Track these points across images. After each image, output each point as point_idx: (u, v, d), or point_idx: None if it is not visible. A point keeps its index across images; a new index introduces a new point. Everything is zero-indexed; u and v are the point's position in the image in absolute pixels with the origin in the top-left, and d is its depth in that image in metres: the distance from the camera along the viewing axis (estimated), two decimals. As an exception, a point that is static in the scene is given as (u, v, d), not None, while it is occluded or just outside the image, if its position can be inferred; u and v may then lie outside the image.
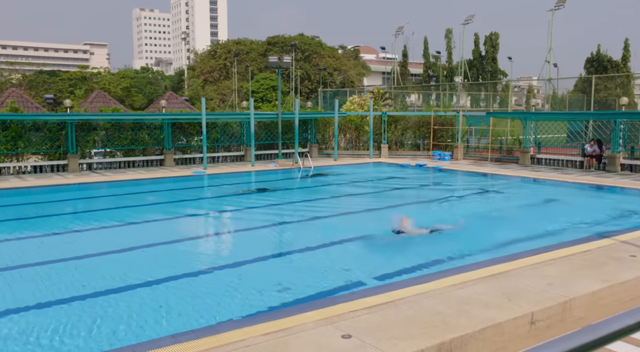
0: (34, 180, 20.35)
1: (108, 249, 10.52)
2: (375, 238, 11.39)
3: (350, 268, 8.97)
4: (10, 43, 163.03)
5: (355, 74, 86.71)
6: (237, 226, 13.65)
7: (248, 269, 9.16)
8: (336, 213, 14.55)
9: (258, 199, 17.86)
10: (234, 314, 6.89)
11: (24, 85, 48.45)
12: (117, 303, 7.28)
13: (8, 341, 6.08)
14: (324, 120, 31.54)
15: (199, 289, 8.01)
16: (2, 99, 29.51)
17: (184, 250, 10.66)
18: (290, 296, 7.53)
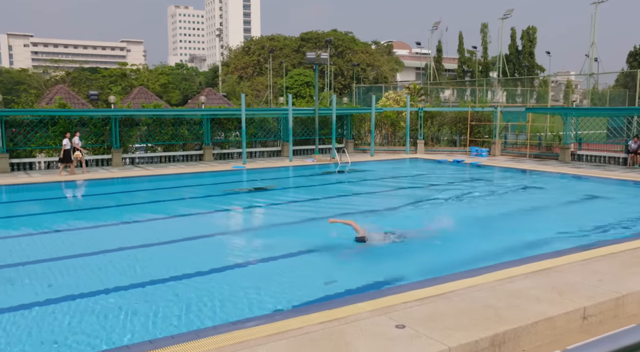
0: (80, 174, 21.04)
1: (179, 237, 11.02)
2: (429, 231, 11.50)
3: (400, 260, 9.13)
4: (52, 41, 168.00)
5: (389, 69, 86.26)
6: (294, 218, 13.76)
7: (303, 259, 9.40)
8: (389, 207, 14.63)
9: (307, 192, 18.14)
10: (286, 304, 7.09)
11: (67, 82, 49.97)
12: (193, 289, 7.65)
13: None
14: (359, 116, 31.61)
15: (255, 279, 8.27)
16: (50, 95, 30.55)
17: (240, 241, 11.04)
18: (343, 286, 7.72)
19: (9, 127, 22.05)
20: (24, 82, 63.55)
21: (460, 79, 70.03)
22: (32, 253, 10.09)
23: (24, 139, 22.39)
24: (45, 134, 22.70)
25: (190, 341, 5.64)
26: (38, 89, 52.04)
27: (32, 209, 15.16)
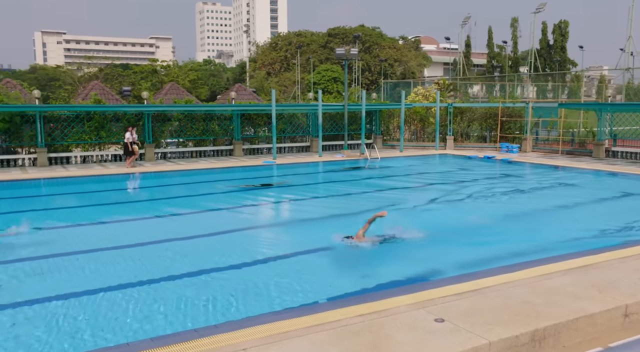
0: (115, 168, 21.54)
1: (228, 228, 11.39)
2: (467, 225, 11.51)
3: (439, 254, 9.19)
4: (83, 38, 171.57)
5: (416, 64, 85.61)
6: (331, 212, 13.86)
7: (337, 253, 9.53)
8: (422, 203, 14.64)
9: (343, 186, 18.27)
10: (326, 296, 7.21)
11: (100, 78, 51.09)
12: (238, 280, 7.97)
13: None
14: (388, 112, 31.54)
15: (290, 272, 8.42)
16: (86, 91, 31.30)
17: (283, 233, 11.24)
18: (384, 279, 7.81)
19: (47, 123, 22.66)
20: (58, 78, 65.16)
21: (489, 74, 69.10)
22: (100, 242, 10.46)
23: (61, 134, 22.99)
24: (81, 129, 23.27)
25: (234, 331, 5.79)
26: (72, 85, 53.25)
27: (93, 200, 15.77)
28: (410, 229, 10.34)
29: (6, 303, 7.10)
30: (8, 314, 6.74)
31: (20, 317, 6.65)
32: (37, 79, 67.98)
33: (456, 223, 11.94)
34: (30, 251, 9.83)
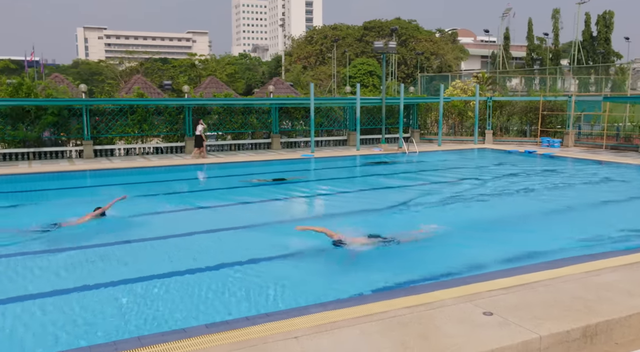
0: (157, 160, 22.06)
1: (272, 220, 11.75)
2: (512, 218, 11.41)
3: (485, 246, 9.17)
4: (123, 33, 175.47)
5: (453, 58, 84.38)
6: (377, 205, 13.90)
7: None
8: (465, 197, 14.53)
9: (384, 180, 18.30)
10: (366, 289, 7.29)
11: (141, 72, 52.27)
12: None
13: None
14: (425, 106, 31.29)
15: (335, 263, 8.54)
16: (129, 85, 32.08)
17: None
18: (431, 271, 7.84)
19: (93, 116, 23.34)
20: (100, 72, 66.94)
21: (528, 67, 67.58)
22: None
23: (105, 127, 23.66)
24: (125, 122, 23.88)
25: (284, 319, 5.93)
26: (114, 80, 54.62)
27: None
28: (452, 223, 10.31)
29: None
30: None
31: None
32: (79, 73, 69.98)
33: (500, 218, 11.84)
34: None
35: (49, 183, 17.85)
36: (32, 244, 9.66)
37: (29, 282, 7.83)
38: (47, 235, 10.20)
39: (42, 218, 11.17)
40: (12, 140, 22.17)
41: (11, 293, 7.35)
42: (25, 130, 22.07)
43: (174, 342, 5.38)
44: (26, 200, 15.17)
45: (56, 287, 7.53)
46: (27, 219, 11.27)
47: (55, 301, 7.02)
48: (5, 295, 7.24)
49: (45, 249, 9.49)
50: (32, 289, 7.50)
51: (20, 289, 7.52)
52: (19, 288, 7.57)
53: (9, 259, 8.82)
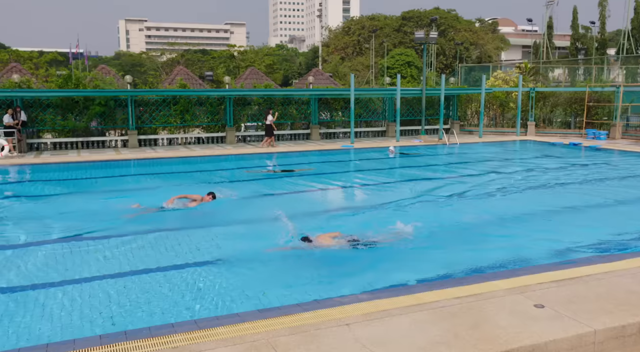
0: (200, 150, 22.48)
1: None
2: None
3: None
4: (163, 25, 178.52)
5: (493, 48, 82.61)
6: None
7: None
8: (514, 188, 14.37)
9: (428, 172, 18.18)
10: (417, 277, 7.32)
11: (182, 63, 53.18)
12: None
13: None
14: (466, 97, 30.85)
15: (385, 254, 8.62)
16: (172, 76, 32.72)
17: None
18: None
19: (137, 106, 23.93)
20: (142, 64, 68.35)
21: (572, 57, 65.55)
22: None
23: (149, 117, 24.22)
24: (168, 112, 24.39)
25: (335, 307, 6.03)
26: (156, 71, 55.72)
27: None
28: (503, 215, 10.21)
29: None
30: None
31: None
32: (120, 64, 71.56)
33: (549, 210, 11.62)
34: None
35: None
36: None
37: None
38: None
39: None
40: (62, 130, 22.96)
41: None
42: (74, 120, 22.81)
43: (228, 326, 5.55)
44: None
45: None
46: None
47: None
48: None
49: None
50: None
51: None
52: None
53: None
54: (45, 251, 8.69)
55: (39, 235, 9.76)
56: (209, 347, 5.05)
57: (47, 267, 7.96)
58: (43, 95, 22.31)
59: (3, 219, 11.10)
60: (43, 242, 9.26)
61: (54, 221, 10.74)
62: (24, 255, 8.58)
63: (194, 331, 5.43)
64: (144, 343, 5.13)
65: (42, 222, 10.76)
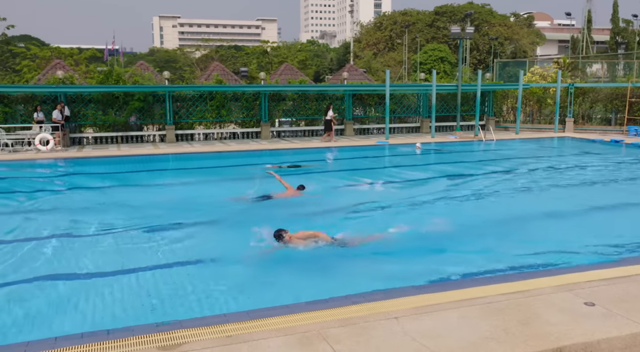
0: (236, 145, 22.76)
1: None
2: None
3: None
4: (196, 21, 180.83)
5: (528, 43, 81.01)
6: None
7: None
8: (558, 186, 14.16)
9: (468, 168, 17.91)
10: (460, 273, 7.33)
11: (216, 59, 53.80)
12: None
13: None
14: (501, 93, 30.41)
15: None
16: (208, 72, 33.18)
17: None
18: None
19: (175, 102, 24.36)
20: (175, 60, 69.36)
21: (611, 52, 63.79)
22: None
23: (186, 113, 24.63)
24: (204, 107, 24.75)
25: (382, 300, 6.10)
26: (190, 67, 56.51)
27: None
28: (542, 212, 10.10)
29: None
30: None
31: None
32: (155, 60, 72.68)
33: (593, 207, 11.44)
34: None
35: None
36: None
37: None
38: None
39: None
40: (103, 124, 23.55)
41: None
42: (114, 115, 23.37)
43: (278, 317, 5.67)
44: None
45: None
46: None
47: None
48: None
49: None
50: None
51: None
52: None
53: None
54: (111, 240, 9.06)
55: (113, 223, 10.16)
56: (262, 336, 5.18)
57: (104, 255, 8.24)
58: (85, 91, 22.92)
59: (64, 209, 11.60)
60: (109, 231, 9.61)
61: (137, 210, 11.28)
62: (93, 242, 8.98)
63: (246, 321, 5.57)
64: (199, 331, 5.29)
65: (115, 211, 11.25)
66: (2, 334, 5.65)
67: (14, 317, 6.11)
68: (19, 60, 42.80)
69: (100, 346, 4.96)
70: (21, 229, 9.90)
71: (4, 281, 7.17)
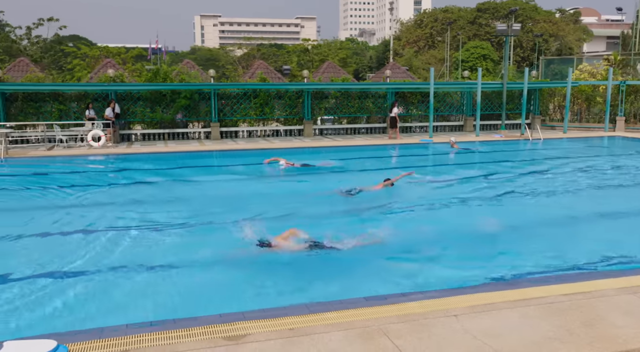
0: (279, 142, 22.97)
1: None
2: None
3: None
4: (236, 20, 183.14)
5: (574, 39, 78.71)
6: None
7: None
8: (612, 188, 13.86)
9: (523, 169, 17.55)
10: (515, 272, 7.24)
11: (257, 57, 54.43)
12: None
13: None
14: (548, 91, 29.70)
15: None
16: (252, 70, 33.61)
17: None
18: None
19: (220, 99, 24.76)
20: (216, 58, 70.51)
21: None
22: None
23: (230, 110, 25.01)
24: (248, 105, 25.07)
25: (439, 298, 6.10)
26: (232, 65, 57.29)
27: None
28: (599, 212, 9.87)
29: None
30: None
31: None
32: (196, 59, 74.01)
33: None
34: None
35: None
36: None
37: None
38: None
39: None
40: (150, 121, 24.17)
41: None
42: (162, 113, 23.94)
43: (337, 311, 5.74)
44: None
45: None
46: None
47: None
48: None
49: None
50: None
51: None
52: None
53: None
54: (174, 232, 9.41)
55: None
56: (323, 330, 5.26)
57: (171, 247, 8.54)
58: (134, 89, 23.56)
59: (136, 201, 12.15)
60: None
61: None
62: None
63: (305, 315, 5.67)
64: (261, 323, 5.41)
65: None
66: (81, 319, 5.93)
67: (89, 304, 6.40)
68: (70, 60, 44.32)
69: (169, 334, 5.15)
70: (90, 221, 10.23)
71: (82, 270, 7.48)
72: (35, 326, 5.68)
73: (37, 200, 12.41)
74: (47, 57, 54.21)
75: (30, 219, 10.37)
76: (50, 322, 5.79)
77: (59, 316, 6.00)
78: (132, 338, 5.08)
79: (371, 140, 23.80)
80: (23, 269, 7.46)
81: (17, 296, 6.55)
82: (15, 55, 47.19)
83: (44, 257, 8.02)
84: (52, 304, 6.33)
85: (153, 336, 5.12)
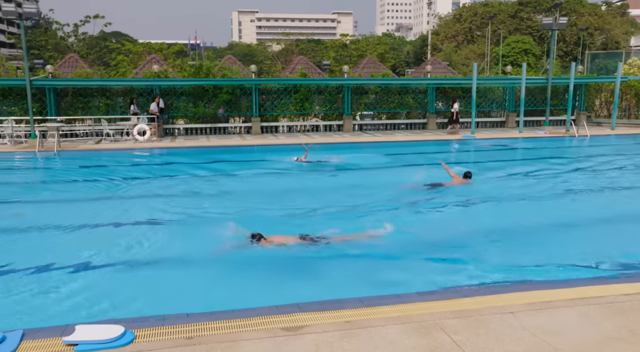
0: (319, 137, 23.05)
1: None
2: None
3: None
4: (272, 15, 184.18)
5: (622, 33, 76.06)
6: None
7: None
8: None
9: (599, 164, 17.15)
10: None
11: (296, 53, 54.68)
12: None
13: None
14: (594, 86, 28.86)
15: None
16: (292, 65, 33.80)
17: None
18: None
19: (260, 95, 25.00)
20: (253, 54, 71.19)
21: None
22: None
23: (271, 105, 25.23)
24: (288, 100, 25.23)
25: (494, 294, 6.06)
26: (271, 60, 57.72)
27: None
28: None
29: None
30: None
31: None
32: (234, 55, 74.89)
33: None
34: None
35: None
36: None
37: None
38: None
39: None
40: (193, 116, 24.60)
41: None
42: (204, 108, 24.34)
43: (392, 305, 5.77)
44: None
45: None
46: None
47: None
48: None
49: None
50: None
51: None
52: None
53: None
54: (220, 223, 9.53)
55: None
56: (379, 324, 5.30)
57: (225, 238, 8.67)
58: (178, 84, 24.01)
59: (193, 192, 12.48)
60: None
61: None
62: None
63: (360, 308, 5.71)
64: (318, 315, 5.49)
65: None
66: (143, 307, 6.13)
67: (152, 293, 6.63)
68: (114, 55, 45.45)
69: (228, 324, 5.28)
70: (138, 212, 10.52)
71: (147, 261, 7.80)
72: (104, 313, 5.91)
73: (100, 191, 12.72)
74: (92, 53, 55.77)
75: (99, 210, 10.63)
76: (118, 309, 6.01)
77: (126, 303, 6.22)
78: (194, 326, 5.23)
79: (411, 136, 23.61)
80: (95, 258, 7.74)
81: (89, 284, 6.83)
82: (63, 52, 48.71)
83: (117, 246, 8.30)
84: (119, 291, 6.58)
85: (213, 324, 5.26)
